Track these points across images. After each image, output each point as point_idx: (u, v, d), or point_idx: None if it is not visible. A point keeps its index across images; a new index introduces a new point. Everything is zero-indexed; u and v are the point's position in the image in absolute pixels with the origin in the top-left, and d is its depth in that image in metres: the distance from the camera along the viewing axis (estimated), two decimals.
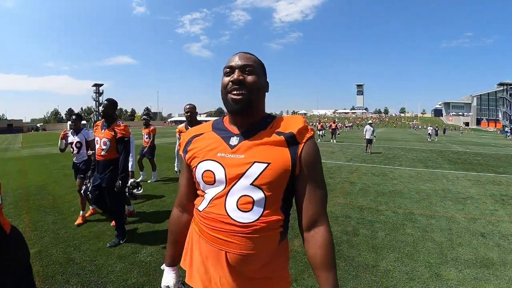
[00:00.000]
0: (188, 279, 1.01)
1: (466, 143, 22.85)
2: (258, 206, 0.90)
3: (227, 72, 0.96)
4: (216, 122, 1.06)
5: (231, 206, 0.90)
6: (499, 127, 66.56)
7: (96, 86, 73.80)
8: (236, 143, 0.94)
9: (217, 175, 0.92)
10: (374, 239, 3.54)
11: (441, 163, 10.44)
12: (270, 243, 0.93)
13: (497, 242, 3.52)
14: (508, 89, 66.77)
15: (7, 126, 55.65)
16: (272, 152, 0.91)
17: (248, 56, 0.98)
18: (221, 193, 0.92)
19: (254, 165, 0.89)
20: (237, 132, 0.97)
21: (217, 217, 0.92)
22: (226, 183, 0.91)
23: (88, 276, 2.62)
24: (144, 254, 3.06)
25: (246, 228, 0.89)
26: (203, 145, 0.99)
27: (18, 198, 5.27)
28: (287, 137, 0.92)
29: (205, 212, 0.95)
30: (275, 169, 0.89)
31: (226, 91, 0.95)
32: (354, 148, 15.82)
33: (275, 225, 0.92)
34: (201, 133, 1.04)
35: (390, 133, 39.97)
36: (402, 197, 5.52)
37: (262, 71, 1.00)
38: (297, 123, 0.95)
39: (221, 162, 0.93)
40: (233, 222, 0.90)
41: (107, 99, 3.24)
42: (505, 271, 2.82)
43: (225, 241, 0.91)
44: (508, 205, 5.11)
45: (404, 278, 2.67)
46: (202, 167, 0.96)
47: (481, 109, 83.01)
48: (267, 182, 0.89)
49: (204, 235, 0.96)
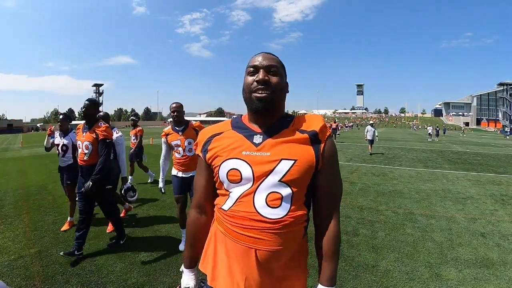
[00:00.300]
0: (210, 281, 1.00)
1: (466, 143, 22.84)
2: (286, 202, 0.92)
3: (251, 72, 0.98)
4: (235, 120, 1.07)
5: (260, 203, 0.92)
6: (499, 127, 66.56)
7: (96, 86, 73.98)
8: (260, 141, 0.96)
9: (244, 173, 0.94)
10: (374, 239, 3.54)
11: (441, 163, 10.44)
12: (296, 237, 0.96)
13: (497, 242, 3.52)
14: (508, 89, 66.84)
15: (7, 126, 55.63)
16: (297, 149, 0.94)
17: (271, 56, 1.00)
18: (248, 191, 0.93)
19: (282, 162, 0.92)
20: (259, 130, 0.98)
21: (246, 215, 0.93)
22: (253, 181, 0.93)
23: (88, 276, 2.62)
24: (144, 254, 3.06)
25: (276, 224, 0.91)
26: (225, 143, 0.99)
27: (18, 198, 5.27)
28: (311, 135, 0.96)
29: (231, 211, 0.96)
30: (302, 165, 0.92)
31: (250, 90, 0.96)
32: (354, 148, 15.82)
33: (301, 219, 0.96)
34: (220, 132, 1.04)
35: (390, 133, 39.95)
36: (402, 197, 5.52)
37: (284, 72, 1.02)
38: (318, 122, 0.99)
39: (247, 160, 0.94)
40: (263, 218, 0.91)
41: (88, 99, 3.04)
42: (505, 271, 2.82)
43: (255, 239, 0.92)
44: (508, 205, 5.11)
45: (404, 278, 2.67)
46: (227, 166, 0.96)
47: (481, 109, 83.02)
48: (294, 178, 0.92)
49: (231, 234, 0.96)
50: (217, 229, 1.02)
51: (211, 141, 1.04)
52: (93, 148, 2.97)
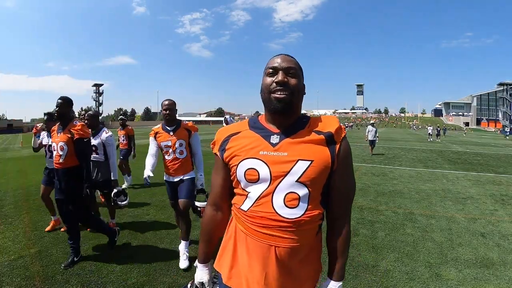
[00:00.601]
0: (226, 280, 1.03)
1: (466, 143, 22.84)
2: (303, 202, 0.95)
3: (270, 73, 0.99)
4: (252, 120, 1.09)
5: (279, 203, 0.95)
6: (499, 127, 66.53)
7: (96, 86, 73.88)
8: (277, 141, 0.98)
9: (261, 173, 0.96)
10: (374, 239, 3.54)
11: (441, 163, 10.44)
12: (312, 234, 1.01)
13: (497, 242, 3.52)
14: (508, 89, 66.83)
15: (7, 126, 55.62)
16: (314, 150, 0.96)
17: (290, 59, 1.01)
18: (266, 191, 0.96)
19: (299, 163, 0.94)
20: (276, 130, 1.00)
21: (265, 215, 0.96)
22: (271, 181, 0.96)
23: (88, 276, 2.62)
24: (144, 254, 3.06)
25: (294, 223, 0.95)
26: (243, 143, 1.02)
27: (18, 198, 5.27)
28: (327, 136, 0.98)
29: (251, 212, 0.99)
30: (318, 166, 0.95)
31: (269, 90, 0.98)
32: (354, 148, 15.82)
33: (316, 218, 0.99)
34: (238, 132, 1.06)
35: (390, 133, 39.95)
36: (402, 197, 5.52)
37: (301, 74, 1.04)
38: (334, 123, 1.01)
39: (264, 160, 0.96)
40: (282, 218, 0.95)
41: (61, 97, 2.78)
42: (505, 271, 2.82)
43: (274, 237, 0.96)
44: (508, 205, 5.11)
45: (404, 278, 2.67)
46: (244, 165, 0.98)
47: (481, 109, 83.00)
48: (311, 179, 0.94)
49: (251, 232, 0.99)
50: (237, 228, 1.05)
51: (229, 140, 1.06)
52: (68, 149, 2.74)
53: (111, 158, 3.43)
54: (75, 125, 2.79)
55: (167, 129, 2.83)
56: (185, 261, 2.81)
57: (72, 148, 2.75)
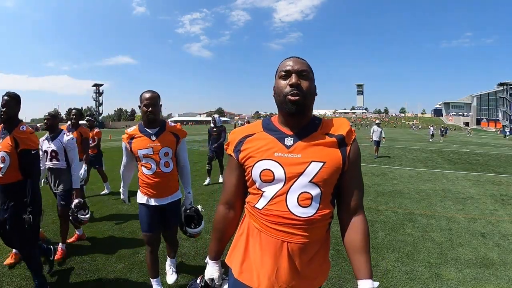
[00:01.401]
0: (238, 275, 1.07)
1: (466, 143, 22.84)
2: (315, 201, 1.00)
3: (283, 76, 1.02)
4: (265, 122, 1.12)
5: (292, 202, 0.99)
6: (499, 127, 66.52)
7: (96, 86, 73.95)
8: (291, 143, 1.02)
9: (276, 173, 1.00)
10: (374, 239, 3.54)
11: (441, 163, 10.44)
12: (322, 232, 1.05)
13: (497, 242, 3.52)
14: (508, 89, 66.88)
15: None
16: (326, 152, 1.00)
17: (302, 61, 1.04)
18: (281, 191, 1.00)
19: (312, 164, 0.98)
20: (290, 133, 1.04)
21: (279, 214, 1.00)
22: (285, 181, 1.00)
23: (88, 276, 2.62)
24: (144, 254, 3.05)
25: (306, 222, 0.99)
26: (258, 145, 1.05)
27: None
28: (338, 138, 1.02)
29: (266, 210, 1.03)
30: (330, 167, 0.99)
31: (284, 93, 1.00)
32: None
33: (327, 216, 1.04)
34: (252, 133, 1.09)
35: (390, 133, 39.95)
36: (402, 197, 5.53)
37: (313, 76, 1.06)
38: (345, 125, 1.05)
39: (279, 161, 1.00)
40: (295, 217, 0.99)
41: (8, 93, 2.22)
42: (505, 271, 2.82)
43: (287, 233, 1.00)
44: (508, 205, 5.12)
45: (404, 278, 2.67)
46: (260, 166, 1.02)
47: (481, 109, 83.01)
48: (323, 179, 0.99)
49: (266, 229, 1.04)
50: (250, 225, 1.10)
51: (244, 141, 1.09)
52: (11, 160, 2.14)
53: (73, 163, 2.94)
54: (23, 131, 2.20)
55: (147, 132, 2.09)
56: (172, 275, 2.51)
57: (16, 159, 2.16)
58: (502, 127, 60.43)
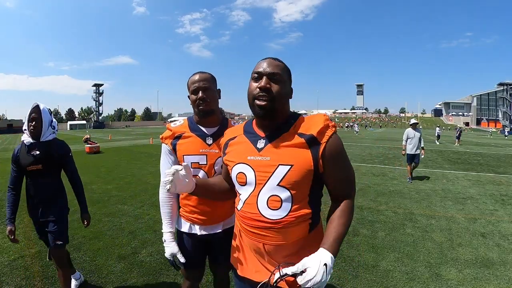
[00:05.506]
0: (241, 271, 1.13)
1: (466, 143, 22.83)
2: (286, 204, 0.98)
3: (255, 78, 1.01)
4: (247, 124, 1.13)
5: (262, 205, 1.00)
6: (499, 127, 66.51)
7: (96, 86, 73.85)
8: (262, 146, 1.02)
9: (248, 176, 1.02)
10: (374, 239, 3.54)
11: (441, 163, 10.44)
12: (300, 233, 1.02)
13: (497, 242, 3.51)
14: (508, 89, 66.84)
15: (7, 126, 55.47)
16: (294, 154, 0.97)
17: (276, 63, 1.01)
18: (252, 194, 1.02)
19: (279, 167, 0.97)
20: (263, 135, 1.04)
21: (251, 216, 1.03)
22: (255, 184, 1.01)
23: (88, 276, 2.62)
24: (144, 254, 3.06)
25: (277, 224, 0.99)
26: (237, 148, 1.09)
27: None
28: (307, 139, 0.98)
29: (242, 212, 1.06)
30: (298, 170, 0.96)
31: (253, 96, 1.00)
32: (354, 148, 15.82)
33: (303, 218, 1.01)
34: (235, 136, 1.13)
35: (390, 133, 39.93)
36: (402, 197, 5.52)
37: (288, 78, 1.04)
38: (318, 123, 0.99)
39: (251, 165, 1.02)
40: (265, 219, 1.00)
41: None
42: (505, 271, 2.81)
43: (261, 235, 1.02)
44: (508, 205, 5.11)
45: (404, 278, 2.67)
46: (236, 170, 1.06)
47: (481, 109, 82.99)
48: (293, 182, 0.97)
49: (244, 230, 1.09)
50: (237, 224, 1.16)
51: (228, 144, 1.14)
52: None
53: None
54: None
55: (201, 131, 1.47)
56: None
57: None
58: (502, 127, 60.40)
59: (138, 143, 18.53)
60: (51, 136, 2.05)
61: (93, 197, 5.24)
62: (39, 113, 1.98)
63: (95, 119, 71.22)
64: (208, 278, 2.52)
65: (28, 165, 1.97)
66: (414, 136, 6.96)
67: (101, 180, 6.42)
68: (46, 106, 2.04)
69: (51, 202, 2.04)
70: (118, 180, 6.62)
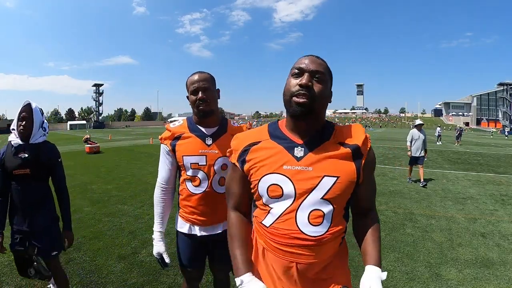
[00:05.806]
0: None
1: (466, 143, 22.83)
2: (327, 219, 0.92)
3: (295, 74, 0.92)
4: (272, 128, 1.00)
5: (303, 221, 0.90)
6: (499, 127, 66.52)
7: (96, 86, 73.87)
8: (302, 155, 0.91)
9: (285, 189, 0.90)
10: None
11: (441, 163, 10.44)
12: (333, 249, 0.97)
13: (497, 242, 3.51)
14: (508, 89, 66.89)
15: (7, 126, 55.50)
16: (340, 165, 0.91)
17: (319, 61, 0.93)
18: (290, 208, 0.91)
19: (324, 179, 0.89)
20: (300, 141, 0.93)
21: (288, 233, 0.91)
22: (295, 197, 0.90)
23: (88, 276, 2.62)
24: (144, 254, 3.06)
25: (317, 241, 0.91)
26: (265, 155, 0.94)
27: None
28: (353, 149, 0.93)
29: (273, 228, 0.94)
30: (344, 182, 0.90)
31: (291, 93, 0.90)
32: None
33: (339, 233, 0.96)
34: (258, 141, 0.98)
35: (390, 133, 39.96)
36: (402, 197, 5.53)
37: (330, 80, 0.96)
38: (359, 134, 0.95)
39: (289, 176, 0.90)
40: (305, 236, 0.90)
41: None
42: (505, 271, 2.81)
43: (296, 254, 0.92)
44: (508, 205, 5.11)
45: (404, 278, 2.67)
46: (268, 181, 0.92)
47: (481, 109, 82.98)
48: (336, 195, 0.90)
49: (272, 249, 0.96)
50: (257, 241, 1.02)
51: (249, 150, 0.98)
52: None
53: None
54: None
55: (200, 131, 1.48)
56: None
57: None
58: (502, 127, 60.41)
59: (138, 143, 18.53)
60: (41, 138, 1.87)
61: (93, 197, 5.24)
62: (30, 112, 1.80)
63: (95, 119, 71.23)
64: (208, 278, 2.52)
65: (14, 168, 1.76)
66: (419, 138, 6.81)
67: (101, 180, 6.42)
68: (38, 106, 1.86)
69: (39, 210, 1.84)
70: (118, 180, 6.62)
